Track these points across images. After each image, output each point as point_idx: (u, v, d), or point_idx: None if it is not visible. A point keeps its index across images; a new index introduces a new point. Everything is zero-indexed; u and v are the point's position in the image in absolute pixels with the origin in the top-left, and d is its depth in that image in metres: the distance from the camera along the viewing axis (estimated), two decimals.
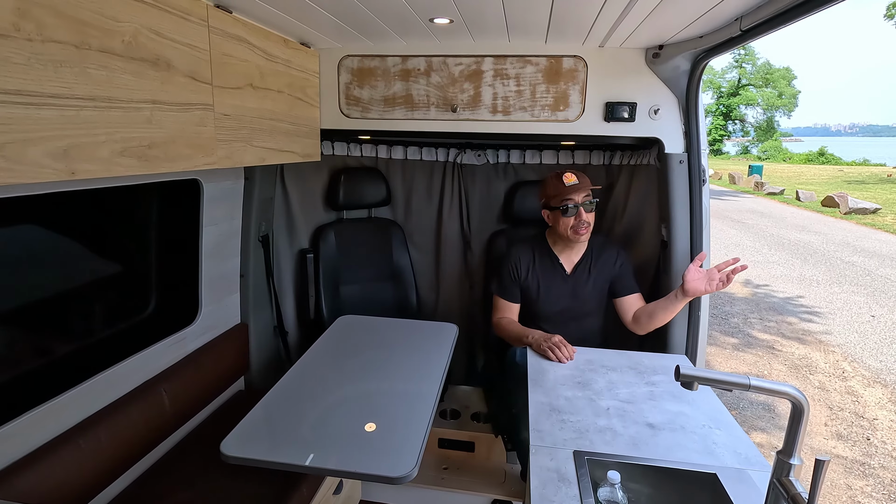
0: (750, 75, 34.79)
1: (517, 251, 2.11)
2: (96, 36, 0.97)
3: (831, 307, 6.14)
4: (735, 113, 35.00)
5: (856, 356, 4.83)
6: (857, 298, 6.43)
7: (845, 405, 4.02)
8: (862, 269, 7.80)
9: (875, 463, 3.29)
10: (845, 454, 3.39)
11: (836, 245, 9.45)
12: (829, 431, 3.68)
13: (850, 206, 12.69)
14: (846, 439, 3.57)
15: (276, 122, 1.71)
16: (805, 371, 4.54)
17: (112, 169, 1.03)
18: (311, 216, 2.60)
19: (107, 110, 1.01)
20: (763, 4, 1.18)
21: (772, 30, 1.20)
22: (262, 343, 2.33)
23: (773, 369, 4.58)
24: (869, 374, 4.49)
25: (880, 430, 3.69)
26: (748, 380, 0.94)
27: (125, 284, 1.86)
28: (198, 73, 1.28)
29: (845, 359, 4.79)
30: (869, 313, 5.91)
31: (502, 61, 1.89)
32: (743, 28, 1.28)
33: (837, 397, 4.15)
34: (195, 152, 1.29)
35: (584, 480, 1.17)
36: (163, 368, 1.75)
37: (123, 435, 1.52)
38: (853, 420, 3.81)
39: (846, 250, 9.02)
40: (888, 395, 4.12)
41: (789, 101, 33.78)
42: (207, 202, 1.87)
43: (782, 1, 1.11)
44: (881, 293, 6.61)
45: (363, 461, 1.27)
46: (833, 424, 3.77)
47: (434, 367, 1.78)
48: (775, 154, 37.05)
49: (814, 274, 7.57)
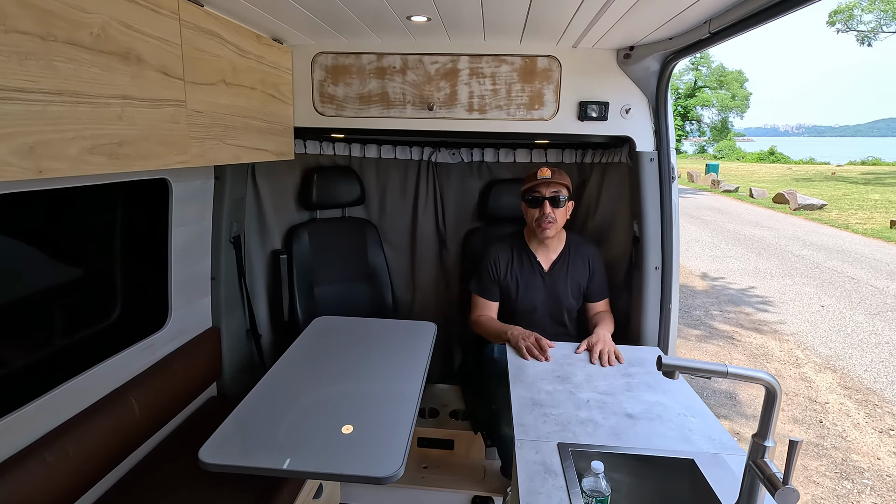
0: (705, 78, 36.24)
1: (496, 250, 2.13)
2: (63, 27, 0.92)
3: (784, 298, 6.48)
4: (692, 114, 36.39)
5: (808, 344, 5.11)
6: (807, 290, 6.81)
7: (799, 390, 4.25)
8: (811, 261, 8.26)
9: (827, 444, 3.50)
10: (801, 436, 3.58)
11: (787, 239, 9.97)
12: (786, 416, 3.88)
13: (798, 203, 13.41)
14: (801, 422, 3.78)
15: (249, 120, 1.66)
16: (762, 359, 4.77)
17: (81, 167, 0.98)
18: (284, 216, 2.55)
19: (75, 105, 0.96)
20: (731, 8, 1.23)
21: (739, 32, 1.26)
22: (234, 347, 2.27)
23: (733, 359, 4.79)
24: (820, 360, 4.76)
25: (831, 413, 3.92)
26: (726, 367, 0.98)
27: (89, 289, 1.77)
28: (169, 69, 1.23)
29: (798, 347, 5.06)
30: (818, 303, 6.27)
31: (478, 60, 1.91)
32: (712, 30, 1.33)
33: (792, 383, 4.38)
34: (168, 150, 1.24)
35: (569, 472, 1.19)
36: (132, 376, 1.68)
37: (92, 446, 1.45)
38: (807, 405, 4.04)
39: (796, 244, 9.53)
40: (838, 381, 4.38)
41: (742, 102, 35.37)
42: (176, 202, 1.80)
43: (750, 5, 1.16)
44: (829, 284, 7.02)
45: (348, 462, 1.26)
46: (789, 409, 3.98)
47: (414, 367, 1.78)
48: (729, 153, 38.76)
49: (767, 267, 7.97)
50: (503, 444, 2.00)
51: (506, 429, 1.91)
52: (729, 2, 1.22)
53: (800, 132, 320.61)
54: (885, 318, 5.76)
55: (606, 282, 2.16)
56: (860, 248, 9.13)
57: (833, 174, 22.71)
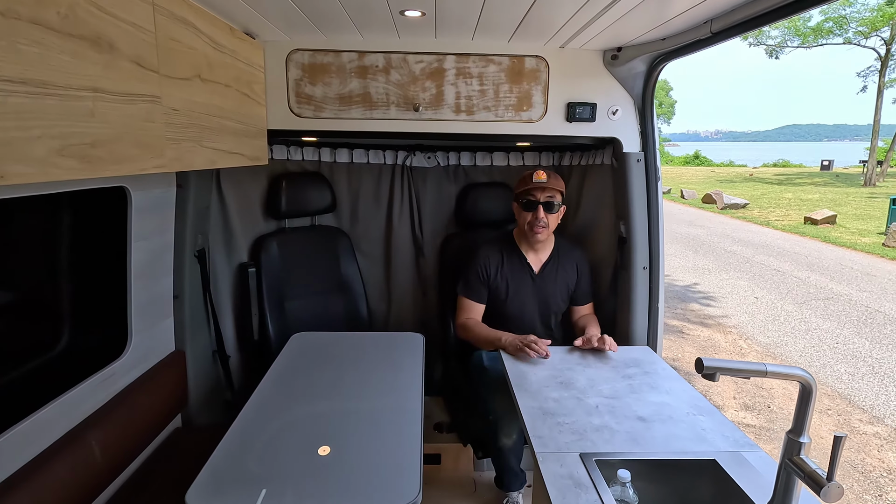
0: None
1: (486, 251, 2.08)
2: (27, 3, 0.77)
3: (723, 292, 6.91)
4: None
5: (749, 334, 5.47)
6: (741, 283, 7.31)
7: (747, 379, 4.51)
8: (742, 257, 8.89)
9: (777, 427, 3.73)
10: (753, 423, 3.80)
11: (718, 237, 10.70)
12: (738, 404, 4.11)
13: (725, 202, 14.45)
14: (752, 409, 4.02)
15: (224, 121, 1.50)
16: (711, 351, 5.04)
17: (49, 172, 0.82)
18: (250, 226, 2.36)
19: (41, 97, 0.80)
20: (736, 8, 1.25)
21: (740, 33, 1.28)
22: (200, 372, 2.06)
23: (685, 352, 5.03)
24: (761, 348, 5.10)
25: (777, 398, 4.20)
26: (765, 367, 0.97)
27: (31, 314, 1.53)
28: (143, 59, 1.07)
29: (741, 337, 5.40)
30: (753, 296, 6.74)
31: (465, 59, 1.85)
32: (713, 30, 1.35)
33: None
34: (143, 153, 1.08)
35: (599, 484, 1.15)
36: (89, 412, 1.46)
37: (49, 498, 1.23)
38: (755, 392, 4.30)
39: (727, 241, 10.25)
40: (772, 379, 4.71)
41: (668, 110, 37.86)
42: (136, 213, 1.60)
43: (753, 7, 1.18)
44: (759, 277, 7.58)
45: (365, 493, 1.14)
46: (740, 397, 4.21)
47: (409, 381, 1.68)
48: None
49: (705, 263, 8.49)
50: (499, 455, 1.95)
51: (505, 440, 1.86)
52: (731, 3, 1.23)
53: (718, 137, 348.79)
54: (810, 307, 6.28)
55: (591, 285, 2.17)
56: (781, 243, 9.96)
57: (751, 175, 24.77)
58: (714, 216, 13.63)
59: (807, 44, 20.19)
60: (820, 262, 8.48)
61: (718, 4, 1.28)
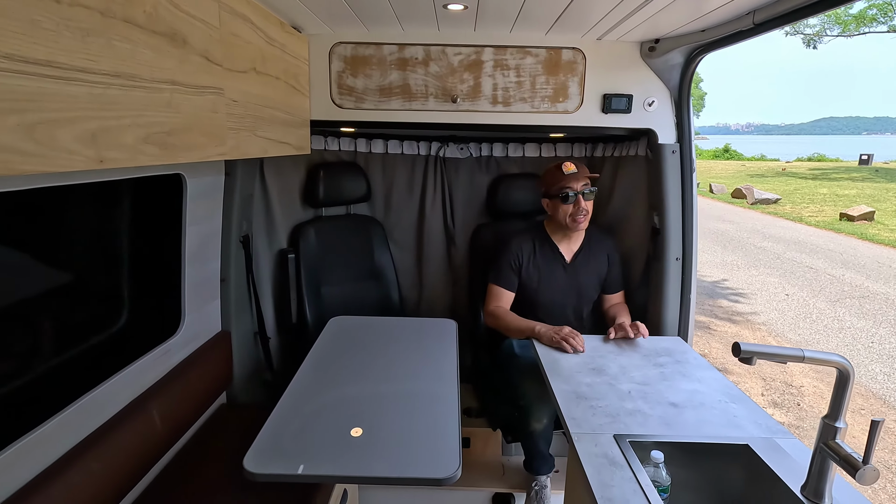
0: None
1: (518, 241, 2.12)
2: (120, 3, 0.84)
3: (752, 288, 6.79)
4: None
5: (778, 331, 5.37)
6: (771, 280, 7.16)
7: (776, 376, 4.45)
8: (772, 253, 8.69)
9: (807, 425, 3.68)
10: (782, 419, 3.76)
11: (748, 232, 10.46)
12: (766, 401, 4.06)
13: (755, 198, 14.08)
14: (781, 406, 3.97)
15: (274, 111, 1.58)
16: None
17: (137, 158, 0.90)
18: (290, 214, 2.45)
19: (131, 90, 0.88)
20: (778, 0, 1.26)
21: (784, 24, 1.28)
22: (243, 351, 2.17)
23: (712, 347, 4.98)
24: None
25: (807, 395, 4.13)
26: (802, 352, 1.00)
27: (99, 294, 1.65)
28: (210, 53, 1.15)
29: (770, 334, 5.31)
30: (783, 293, 6.60)
31: (502, 52, 1.88)
32: (756, 21, 1.35)
33: (768, 369, 4.59)
34: (208, 141, 1.16)
35: (633, 463, 1.19)
36: (150, 384, 1.57)
37: (116, 461, 1.34)
38: (784, 389, 4.24)
39: (757, 237, 10.01)
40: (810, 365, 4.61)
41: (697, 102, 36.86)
42: (190, 200, 1.70)
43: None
44: (790, 274, 7.41)
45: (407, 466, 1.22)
46: (768, 394, 4.16)
47: (444, 365, 1.75)
48: None
49: (734, 259, 8.33)
50: (530, 439, 2.00)
51: (536, 424, 1.91)
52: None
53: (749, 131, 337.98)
54: (844, 305, 6.12)
55: (622, 273, 2.19)
56: (814, 240, 9.68)
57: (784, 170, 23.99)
58: (744, 211, 13.31)
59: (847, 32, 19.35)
60: (855, 259, 8.22)
61: None
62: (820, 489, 1.05)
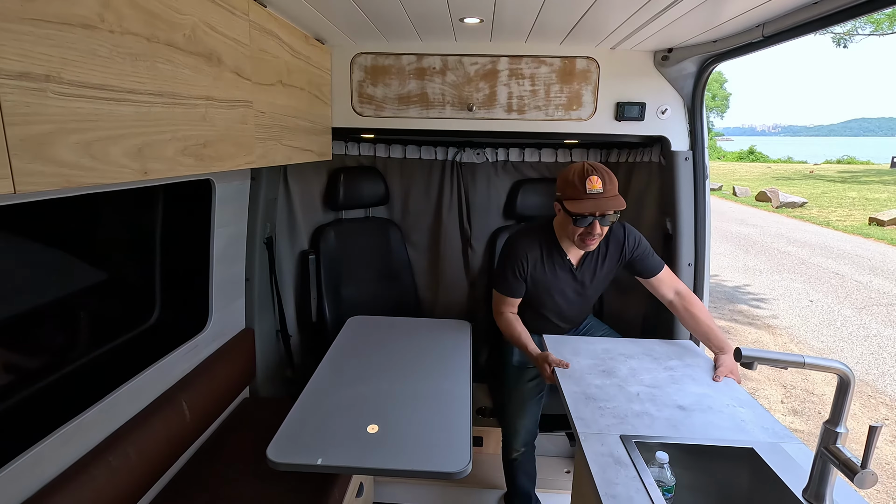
0: None
1: (524, 246, 1.95)
2: (164, 29, 0.93)
3: (774, 294, 6.66)
4: None
5: (800, 338, 5.28)
6: (795, 285, 7.01)
7: (797, 383, 4.39)
8: (797, 258, 8.50)
9: None
10: (802, 428, 3.70)
11: (772, 237, 10.25)
12: (786, 408, 4.01)
13: (780, 201, 13.77)
14: (801, 414, 3.91)
15: (298, 120, 1.67)
16: None
17: (175, 168, 0.99)
18: (311, 217, 2.55)
19: (172, 107, 0.96)
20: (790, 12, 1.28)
21: (793, 38, 1.31)
22: (266, 348, 2.27)
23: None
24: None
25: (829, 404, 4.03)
26: (803, 358, 1.03)
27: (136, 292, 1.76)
28: (241, 69, 1.24)
29: (792, 341, 5.22)
30: (807, 298, 6.46)
31: (517, 61, 1.94)
32: (765, 34, 1.38)
33: (789, 377, 4.51)
34: (238, 151, 1.25)
35: (638, 462, 1.23)
36: (179, 377, 1.67)
37: (149, 448, 1.45)
38: (805, 397, 4.17)
39: (781, 241, 9.80)
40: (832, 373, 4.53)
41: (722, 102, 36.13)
42: (218, 203, 1.80)
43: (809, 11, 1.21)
44: (816, 280, 7.24)
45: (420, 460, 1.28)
46: (788, 402, 4.10)
47: (458, 364, 1.82)
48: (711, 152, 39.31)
49: (756, 264, 8.18)
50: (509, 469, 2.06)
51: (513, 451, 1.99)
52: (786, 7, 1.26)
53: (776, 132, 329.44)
54: (871, 313, 5.97)
55: (652, 251, 1.91)
56: (842, 245, 9.43)
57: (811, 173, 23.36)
58: (768, 215, 13.03)
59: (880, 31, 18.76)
60: (885, 265, 7.99)
61: (772, 8, 1.30)
62: (821, 492, 1.07)
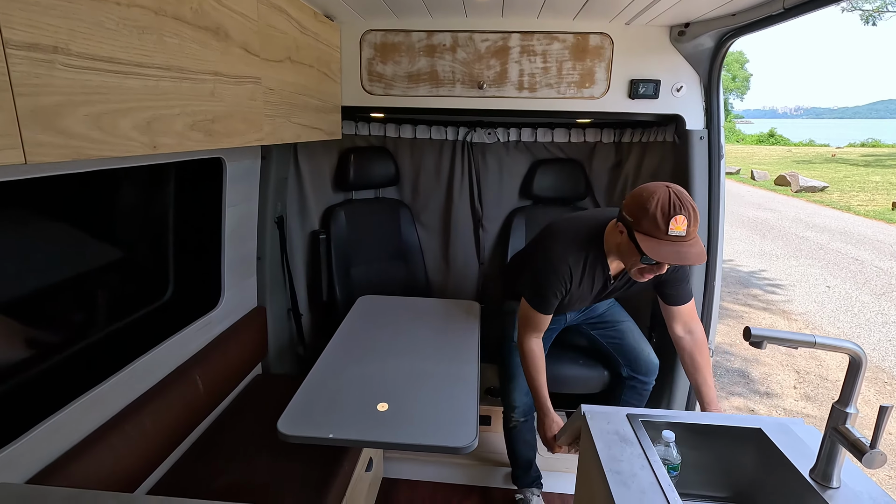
0: None
1: (570, 263, 1.68)
2: (171, 2, 0.92)
3: (791, 279, 6.56)
4: None
5: (816, 323, 5.20)
6: (812, 271, 6.89)
7: (810, 369, 4.34)
8: (815, 243, 8.33)
9: None
10: (814, 413, 3.67)
11: (790, 221, 10.04)
12: (798, 393, 3.97)
13: (800, 185, 13.45)
14: (814, 400, 3.87)
15: (307, 98, 1.66)
16: None
17: (184, 143, 0.99)
18: (322, 197, 2.56)
19: (180, 81, 0.97)
20: None
21: (814, 9, 1.26)
22: (277, 326, 2.30)
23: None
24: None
25: None
26: (814, 338, 1.02)
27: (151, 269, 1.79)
28: (249, 45, 1.23)
29: (807, 326, 5.15)
30: (824, 284, 6.35)
31: (529, 38, 1.90)
32: (786, 6, 1.33)
33: (803, 362, 4.46)
34: (247, 128, 1.25)
35: (644, 440, 1.24)
36: (193, 353, 1.71)
37: (164, 420, 1.49)
38: (818, 382, 4.13)
39: (800, 226, 9.60)
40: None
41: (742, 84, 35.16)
42: (229, 182, 1.81)
43: None
44: (834, 265, 7.11)
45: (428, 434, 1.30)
46: (801, 387, 4.06)
47: (467, 345, 1.83)
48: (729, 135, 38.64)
49: (773, 249, 8.04)
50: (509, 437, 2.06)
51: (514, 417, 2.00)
52: None
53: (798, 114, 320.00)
54: (890, 299, 5.85)
55: (689, 279, 1.72)
56: (863, 230, 9.21)
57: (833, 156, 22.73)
58: (787, 199, 12.75)
59: None
60: None
61: None
62: (828, 472, 1.07)
